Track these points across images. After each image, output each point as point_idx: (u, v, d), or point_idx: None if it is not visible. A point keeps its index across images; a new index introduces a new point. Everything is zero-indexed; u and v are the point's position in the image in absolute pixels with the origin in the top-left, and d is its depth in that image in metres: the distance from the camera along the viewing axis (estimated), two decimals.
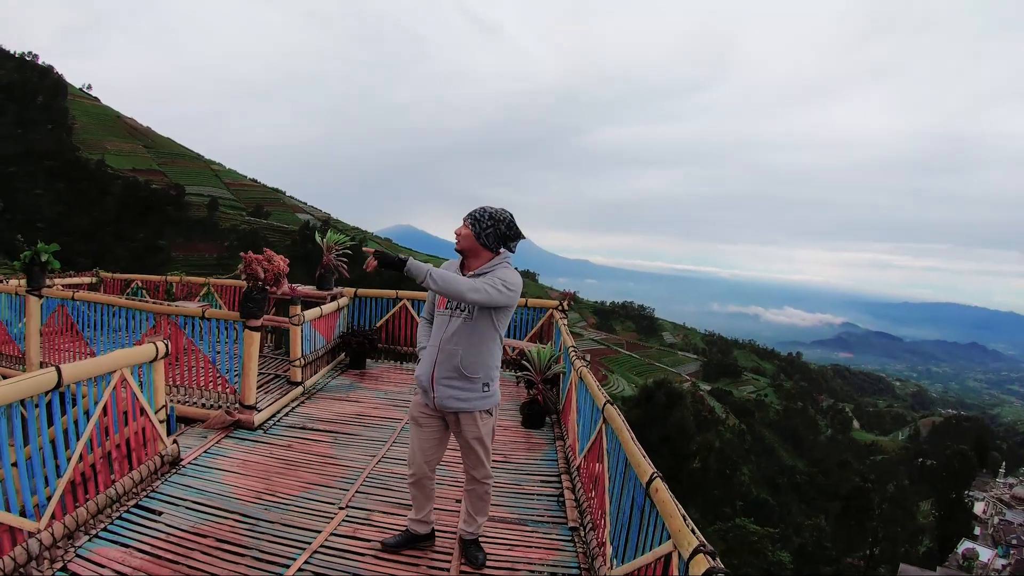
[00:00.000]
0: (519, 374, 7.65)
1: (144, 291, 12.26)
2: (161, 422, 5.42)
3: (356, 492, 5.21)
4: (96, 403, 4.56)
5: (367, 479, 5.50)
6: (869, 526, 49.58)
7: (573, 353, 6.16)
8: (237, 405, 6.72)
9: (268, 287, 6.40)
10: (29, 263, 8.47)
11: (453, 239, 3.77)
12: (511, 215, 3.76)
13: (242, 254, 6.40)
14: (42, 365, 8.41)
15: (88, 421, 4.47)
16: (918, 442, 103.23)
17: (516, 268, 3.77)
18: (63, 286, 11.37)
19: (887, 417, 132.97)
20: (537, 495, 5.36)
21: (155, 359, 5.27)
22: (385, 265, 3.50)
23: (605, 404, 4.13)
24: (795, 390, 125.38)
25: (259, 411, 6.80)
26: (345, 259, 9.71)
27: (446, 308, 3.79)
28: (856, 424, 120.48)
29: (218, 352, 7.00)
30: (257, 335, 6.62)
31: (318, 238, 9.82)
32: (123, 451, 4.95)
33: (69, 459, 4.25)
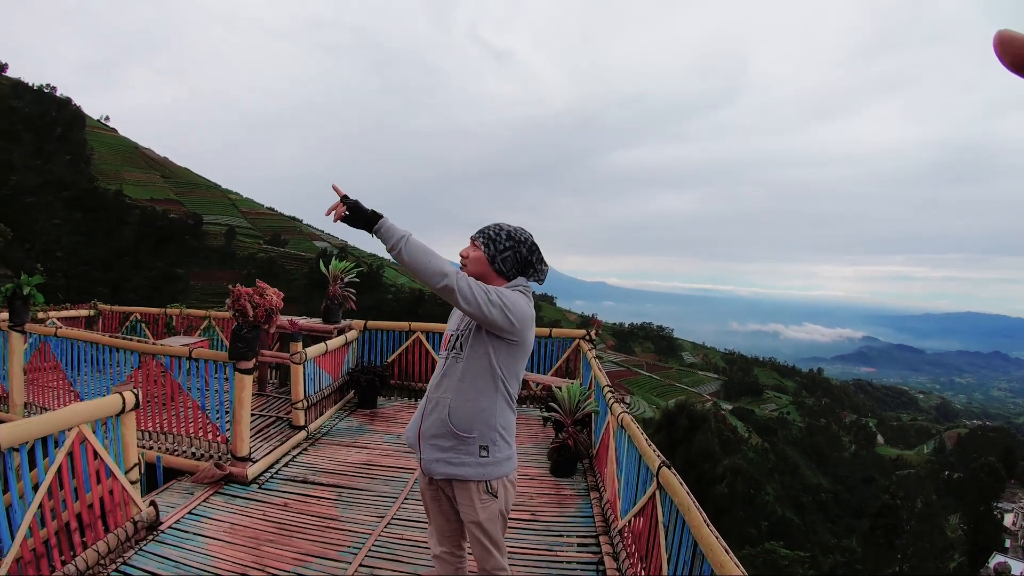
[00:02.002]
0: (547, 415, 6.81)
1: (143, 324, 11.61)
2: (134, 483, 4.71)
3: (360, 565, 4.41)
4: (50, 467, 3.85)
5: (373, 547, 4.69)
6: (898, 544, 48.25)
7: (610, 395, 5.31)
8: (229, 456, 5.98)
9: (259, 324, 5.66)
10: (11, 297, 7.83)
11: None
12: (532, 236, 2.94)
13: (230, 287, 5.67)
14: (26, 406, 7.78)
15: (38, 488, 3.77)
16: (944, 455, 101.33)
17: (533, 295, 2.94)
18: (59, 319, 10.79)
19: (911, 431, 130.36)
20: (573, 563, 4.55)
21: (122, 412, 4.54)
22: (353, 216, 2.67)
23: (660, 467, 3.29)
24: (817, 407, 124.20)
25: (254, 462, 6.05)
26: (353, 289, 9.00)
27: (445, 349, 2.97)
28: (880, 439, 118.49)
29: (211, 395, 6.27)
30: (249, 378, 5.88)
31: (322, 267, 9.12)
32: (86, 519, 4.23)
33: (15, 535, 3.54)
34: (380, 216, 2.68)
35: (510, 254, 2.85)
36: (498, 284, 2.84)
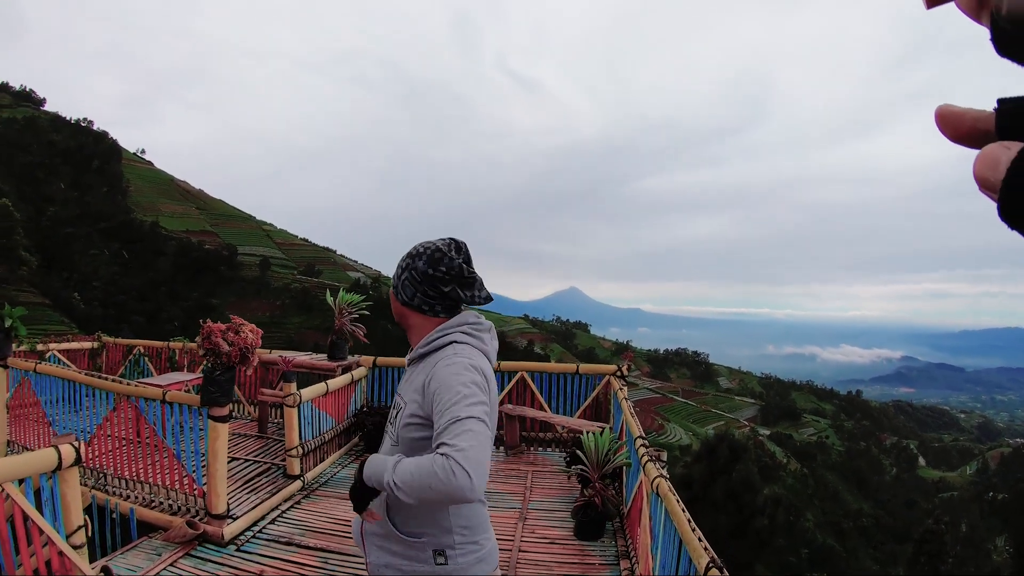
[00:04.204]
0: (574, 467, 5.86)
1: (146, 358, 10.99)
2: (78, 547, 4.00)
3: None
4: None
5: None
6: (943, 569, 46.55)
7: (644, 451, 4.36)
8: (204, 513, 5.23)
9: (234, 365, 4.93)
10: None
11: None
12: (448, 246, 2.07)
13: (201, 322, 4.95)
14: (9, 444, 7.27)
15: None
16: (987, 476, 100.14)
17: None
18: (60, 351, 10.30)
19: (953, 452, 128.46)
20: None
21: (58, 468, 3.83)
22: (364, 497, 1.94)
23: (708, 568, 2.43)
24: (857, 430, 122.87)
25: (234, 519, 5.29)
26: (362, 323, 8.27)
27: (389, 421, 2.16)
28: (922, 461, 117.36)
29: (187, 442, 5.55)
30: (224, 427, 5.13)
31: (329, 299, 8.42)
32: None
33: None
34: (362, 478, 1.91)
35: (406, 277, 2.06)
36: (423, 324, 2.07)
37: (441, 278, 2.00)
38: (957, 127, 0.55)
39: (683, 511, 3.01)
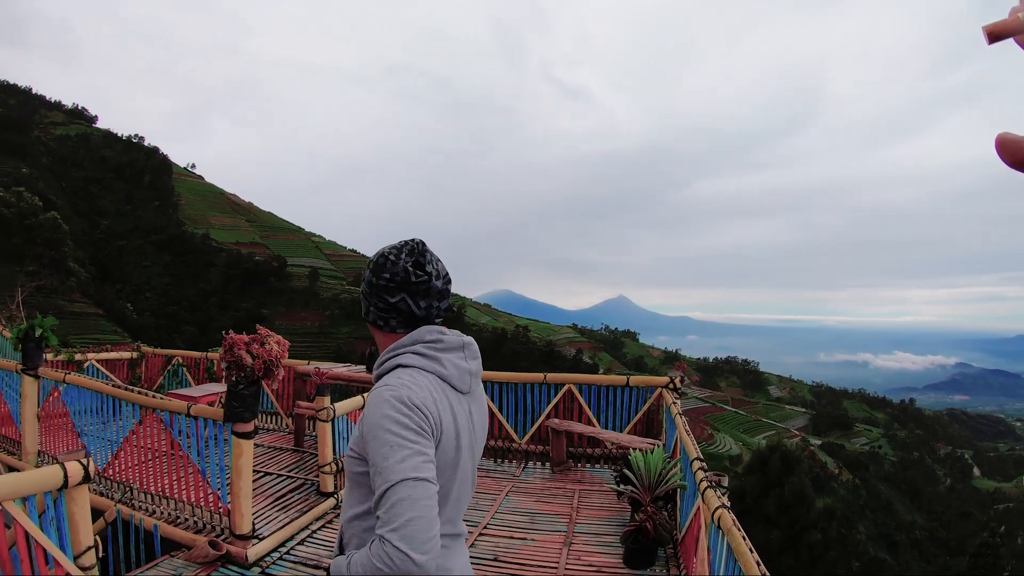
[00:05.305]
0: (623, 487, 5.39)
1: (184, 369, 10.87)
2: (88, 568, 3.74)
3: None
4: None
5: None
6: None
7: (702, 475, 3.78)
8: (228, 533, 4.95)
9: (259, 379, 4.63)
10: (23, 339, 7.13)
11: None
12: (398, 249, 1.73)
13: (224, 334, 4.67)
14: (40, 454, 7.13)
15: None
16: None
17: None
18: (99, 361, 10.24)
19: (1009, 461, 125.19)
20: None
21: (64, 486, 3.57)
22: None
23: None
24: (910, 439, 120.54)
25: (259, 540, 4.99)
26: None
27: None
28: (977, 471, 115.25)
29: (212, 458, 5.28)
30: (249, 443, 4.84)
31: None
32: None
33: None
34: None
35: (361, 290, 1.83)
36: (388, 342, 1.77)
37: (386, 287, 1.71)
38: (1014, 154, 0.58)
39: (751, 551, 2.58)
